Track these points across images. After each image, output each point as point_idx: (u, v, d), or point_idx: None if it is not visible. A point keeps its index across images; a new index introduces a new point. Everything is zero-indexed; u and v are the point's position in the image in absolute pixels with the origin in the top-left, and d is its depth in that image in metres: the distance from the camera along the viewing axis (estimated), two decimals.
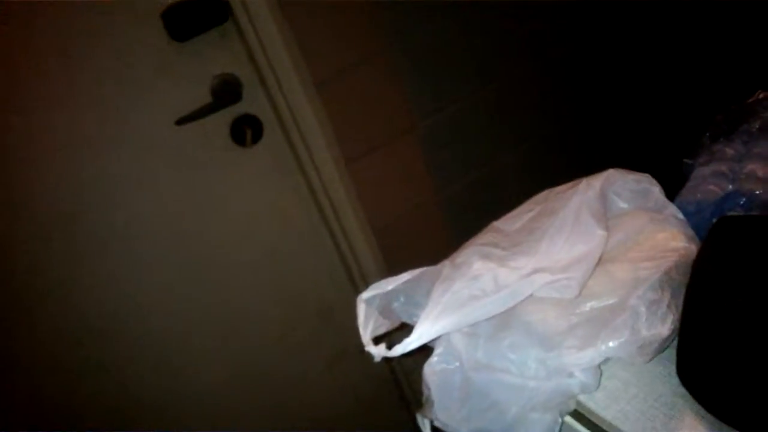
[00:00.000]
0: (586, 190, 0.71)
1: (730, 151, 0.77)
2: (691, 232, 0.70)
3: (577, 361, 0.63)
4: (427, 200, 1.32)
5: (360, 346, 0.69)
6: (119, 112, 1.09)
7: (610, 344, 0.62)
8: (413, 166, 1.28)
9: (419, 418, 0.72)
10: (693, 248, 0.68)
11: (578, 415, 0.66)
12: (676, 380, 0.64)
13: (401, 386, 1.48)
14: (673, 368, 0.64)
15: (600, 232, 0.66)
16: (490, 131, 1.34)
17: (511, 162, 1.38)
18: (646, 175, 0.74)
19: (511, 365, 0.65)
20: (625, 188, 0.74)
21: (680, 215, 0.72)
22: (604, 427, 0.64)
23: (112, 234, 1.13)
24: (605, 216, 0.70)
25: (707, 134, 0.82)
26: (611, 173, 0.73)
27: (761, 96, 0.83)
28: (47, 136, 1.05)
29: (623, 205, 0.75)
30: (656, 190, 0.74)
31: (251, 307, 1.30)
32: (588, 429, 0.66)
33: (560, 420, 0.65)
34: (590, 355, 0.62)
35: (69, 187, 1.09)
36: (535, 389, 0.63)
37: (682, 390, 0.63)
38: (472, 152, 1.33)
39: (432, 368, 0.68)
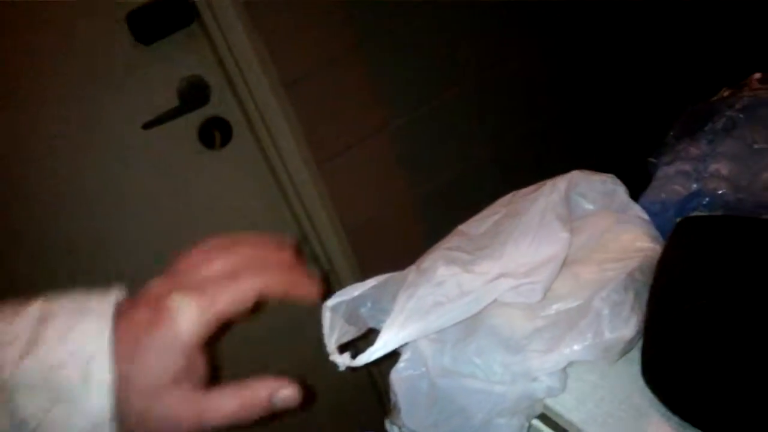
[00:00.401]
0: (551, 193, 0.71)
1: (694, 151, 0.77)
2: (655, 233, 0.70)
3: (542, 365, 0.62)
4: (402, 200, 1.31)
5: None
6: (85, 117, 1.07)
7: (575, 347, 0.62)
8: (386, 165, 1.27)
9: (388, 424, 0.71)
10: (657, 249, 0.68)
11: (545, 418, 0.66)
12: (642, 381, 0.64)
13: (379, 390, 1.47)
14: (639, 369, 0.64)
15: (564, 235, 0.66)
16: (463, 130, 1.33)
17: (485, 161, 1.38)
18: (611, 175, 0.74)
19: (477, 370, 0.65)
20: (589, 189, 0.74)
21: (645, 215, 0.72)
22: (571, 431, 0.64)
23: (79, 240, 1.12)
24: (569, 218, 0.70)
25: (672, 133, 0.82)
26: (575, 175, 0.73)
27: (726, 94, 0.83)
28: (10, 142, 1.03)
29: (588, 206, 0.75)
30: (621, 191, 0.74)
31: None
32: None
33: (527, 424, 0.64)
34: (555, 359, 0.62)
35: (35, 193, 1.07)
36: (501, 394, 0.63)
37: (648, 391, 0.63)
38: (446, 151, 1.33)
39: (399, 374, 0.68)
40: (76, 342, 0.44)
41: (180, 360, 0.46)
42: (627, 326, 0.64)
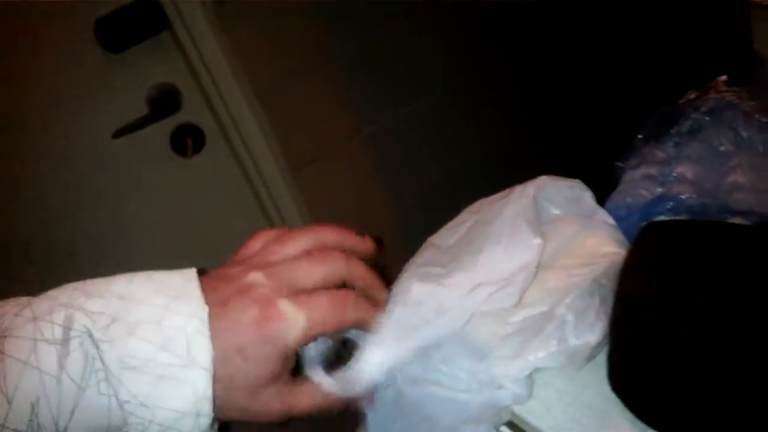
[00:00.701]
0: (520, 198, 0.70)
1: (660, 154, 0.77)
2: (622, 238, 0.70)
3: (507, 372, 0.62)
4: (379, 207, 1.31)
5: None
6: (54, 127, 1.06)
7: (540, 354, 0.62)
8: (363, 172, 1.27)
9: None
10: (624, 253, 0.68)
11: (512, 425, 0.66)
12: (608, 387, 0.64)
13: None
14: (605, 374, 0.64)
15: (536, 242, 0.66)
16: (441, 135, 1.33)
17: (463, 167, 1.38)
18: (578, 180, 0.74)
19: (443, 377, 0.64)
20: (556, 194, 0.74)
21: (611, 220, 0.72)
22: None
23: (50, 252, 1.11)
24: (539, 224, 0.70)
25: (639, 136, 0.82)
26: (543, 180, 0.73)
27: (692, 96, 0.83)
28: None
29: (555, 211, 0.74)
30: (587, 196, 0.73)
31: None
32: None
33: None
34: (520, 366, 0.61)
35: (3, 206, 1.06)
36: (467, 402, 0.62)
37: (614, 397, 0.63)
38: (423, 157, 1.33)
39: None
40: (175, 323, 0.45)
41: (280, 363, 0.49)
42: (592, 332, 0.63)
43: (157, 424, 0.44)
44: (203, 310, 0.45)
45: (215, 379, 0.45)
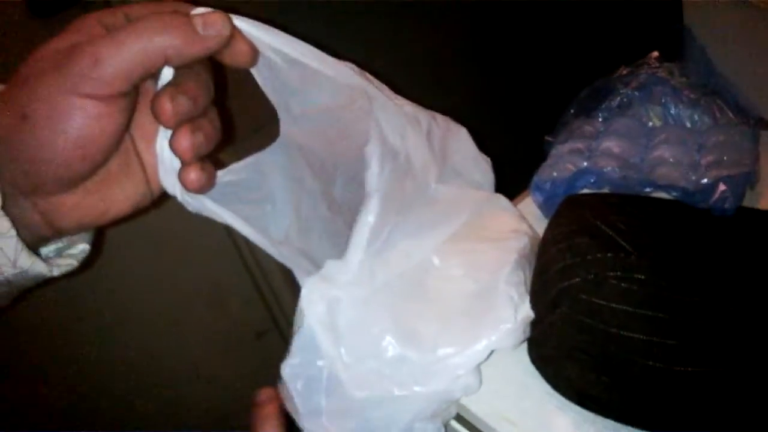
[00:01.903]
0: (434, 120, 0.65)
1: (589, 129, 0.77)
2: (520, 215, 0.69)
3: (464, 362, 0.59)
4: None
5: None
6: None
7: (494, 338, 0.59)
8: None
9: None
10: (537, 229, 0.67)
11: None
12: (526, 359, 0.64)
13: None
14: (524, 348, 0.65)
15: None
16: None
17: None
18: (488, 159, 0.71)
19: (394, 373, 0.59)
20: (466, 155, 0.69)
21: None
22: (458, 411, 0.64)
23: None
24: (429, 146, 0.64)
25: (570, 111, 0.82)
26: (464, 133, 0.68)
27: (624, 72, 0.83)
28: None
29: (454, 170, 0.69)
30: (490, 178, 0.70)
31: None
32: None
33: (443, 429, 0.62)
34: (475, 355, 0.59)
35: None
36: (419, 399, 0.59)
37: (533, 369, 0.63)
38: None
39: (292, 369, 0.62)
40: None
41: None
42: (527, 305, 0.62)
43: None
44: None
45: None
